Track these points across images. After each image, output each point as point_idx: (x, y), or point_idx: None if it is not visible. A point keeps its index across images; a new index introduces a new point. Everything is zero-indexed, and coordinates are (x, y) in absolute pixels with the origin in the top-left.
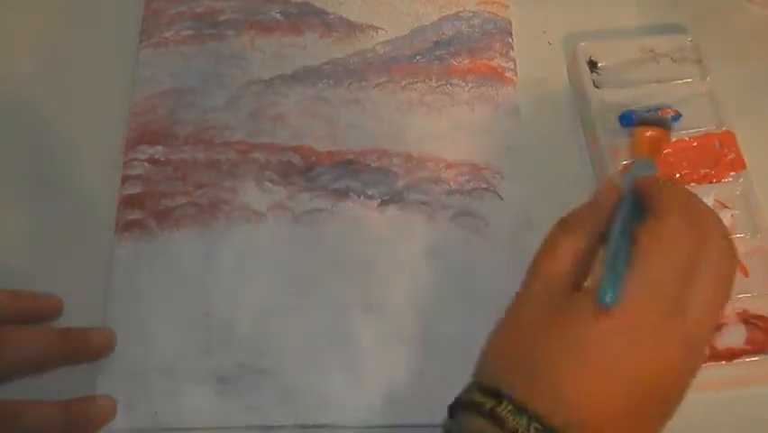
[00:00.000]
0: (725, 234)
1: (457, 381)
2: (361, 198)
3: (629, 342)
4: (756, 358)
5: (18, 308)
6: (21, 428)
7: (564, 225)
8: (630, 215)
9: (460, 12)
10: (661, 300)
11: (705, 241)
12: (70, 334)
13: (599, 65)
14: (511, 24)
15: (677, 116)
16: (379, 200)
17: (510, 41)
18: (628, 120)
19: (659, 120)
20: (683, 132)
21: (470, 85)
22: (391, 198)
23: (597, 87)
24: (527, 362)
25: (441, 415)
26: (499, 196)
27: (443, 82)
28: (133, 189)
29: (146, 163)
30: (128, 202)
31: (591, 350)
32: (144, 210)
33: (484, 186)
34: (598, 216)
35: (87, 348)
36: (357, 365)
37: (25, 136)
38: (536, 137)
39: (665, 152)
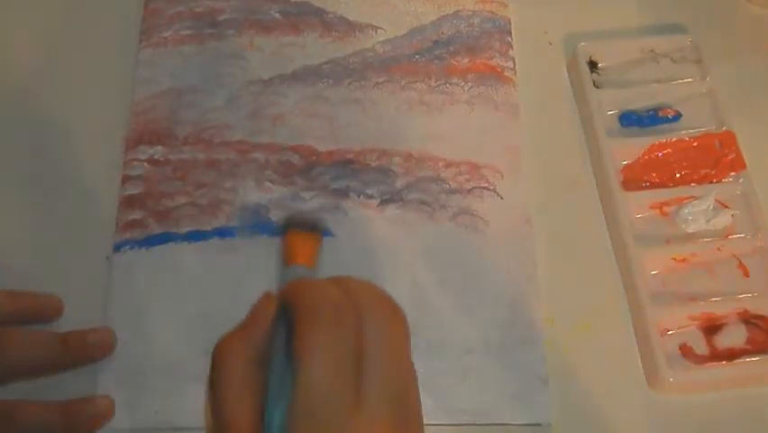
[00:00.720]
0: (383, 307)
1: (456, 377)
2: (361, 197)
3: None
4: (756, 358)
5: (18, 308)
6: (18, 428)
7: (223, 361)
8: (287, 328)
9: (459, 11)
10: (326, 406)
11: (363, 324)
12: (70, 337)
13: (599, 65)
14: (510, 23)
15: (677, 116)
16: (379, 200)
17: (509, 39)
18: (628, 120)
19: (311, 223)
20: (683, 132)
21: (469, 84)
22: (391, 198)
23: (597, 87)
24: None
25: (441, 413)
26: (499, 195)
27: (443, 81)
28: (134, 190)
29: (146, 163)
30: (128, 202)
31: None
32: (145, 210)
33: (484, 185)
34: (258, 334)
35: (87, 351)
36: None
37: (25, 136)
38: (536, 137)
39: (665, 152)
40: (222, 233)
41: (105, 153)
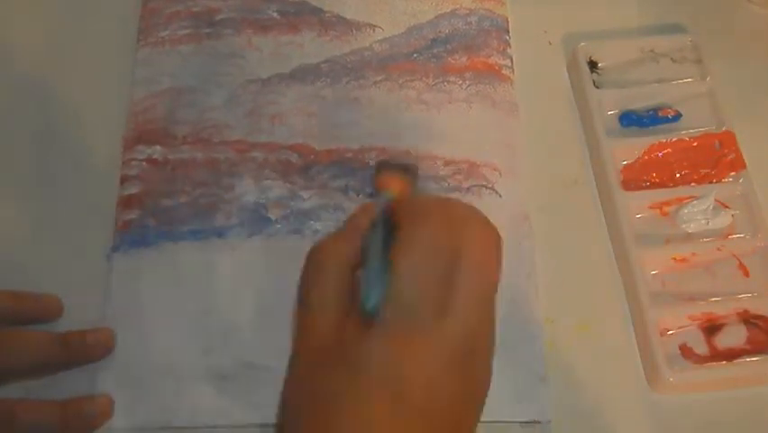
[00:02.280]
0: (484, 224)
1: None
2: (360, 195)
3: (399, 347)
4: (756, 358)
5: (19, 308)
6: (17, 427)
7: (320, 261)
8: (385, 233)
9: (456, 9)
10: (422, 303)
11: (458, 228)
12: (70, 337)
13: (599, 65)
14: (508, 21)
15: (677, 116)
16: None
17: (507, 38)
18: (628, 120)
19: (403, 166)
20: (683, 132)
21: (467, 82)
22: None
23: (597, 87)
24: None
25: None
26: (498, 193)
27: (441, 80)
28: (132, 189)
29: (144, 163)
30: (127, 202)
31: (368, 365)
32: (143, 210)
33: (482, 183)
34: (354, 241)
35: (87, 351)
36: None
37: (24, 137)
38: (537, 137)
39: (665, 152)
40: (221, 232)
41: (105, 153)
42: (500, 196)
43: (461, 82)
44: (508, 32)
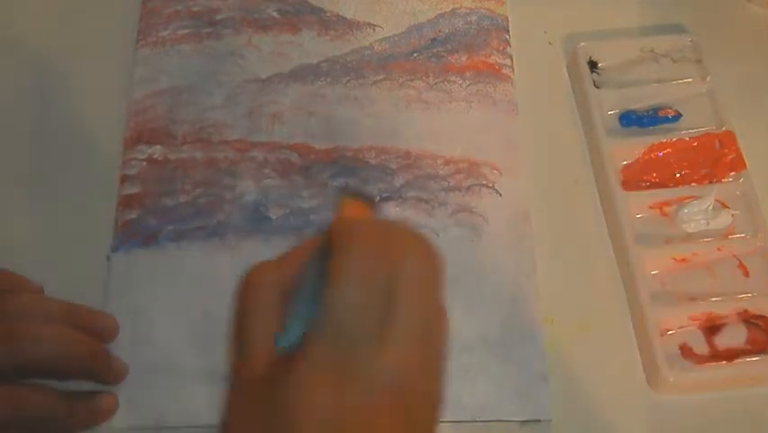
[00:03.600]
0: (424, 251)
1: (456, 374)
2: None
3: (325, 381)
4: (756, 358)
5: (70, 321)
6: (24, 414)
7: (257, 273)
8: (321, 260)
9: (456, 9)
10: (352, 330)
11: (395, 254)
12: (98, 349)
13: (599, 65)
14: (508, 21)
15: (677, 116)
16: (378, 197)
17: (507, 37)
18: (628, 120)
19: (364, 194)
20: (683, 132)
21: (467, 82)
22: (390, 195)
23: (597, 87)
24: None
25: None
26: (498, 192)
27: (441, 79)
28: (132, 189)
29: (144, 163)
30: (127, 202)
31: (295, 408)
32: (143, 210)
33: (483, 182)
34: (292, 267)
35: (108, 371)
36: None
37: (24, 137)
38: (536, 137)
39: (665, 152)
40: (221, 231)
41: (105, 153)
42: (500, 195)
43: (461, 81)
44: (508, 31)
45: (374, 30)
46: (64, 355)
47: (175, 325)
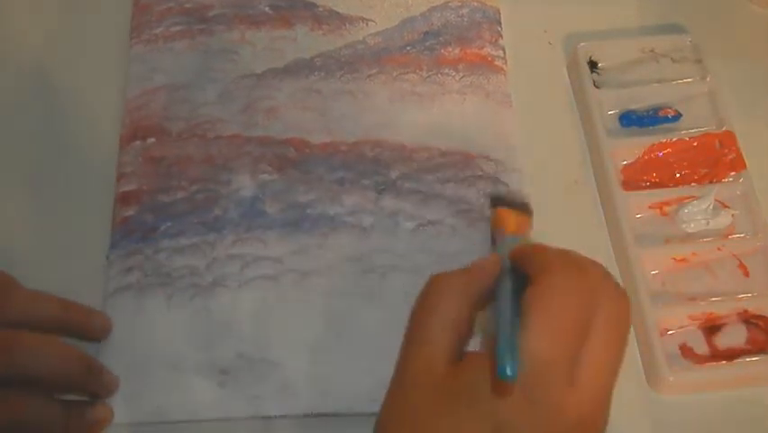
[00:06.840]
0: (619, 295)
1: None
2: (356, 187)
3: (531, 415)
4: (756, 358)
5: (65, 319)
6: (19, 420)
7: (440, 291)
8: (514, 282)
9: (448, 2)
10: (556, 367)
11: (594, 296)
12: (93, 363)
13: (599, 65)
14: (499, 13)
15: (677, 116)
16: (375, 190)
17: (499, 29)
18: (628, 120)
19: (519, 202)
20: (683, 132)
21: (460, 74)
22: (386, 188)
23: (597, 87)
24: None
25: None
26: (493, 184)
27: (434, 72)
28: (129, 186)
29: (141, 160)
30: (124, 199)
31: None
32: (141, 206)
33: (478, 174)
34: (479, 282)
35: (101, 385)
36: (358, 354)
37: (20, 136)
38: (537, 137)
39: (665, 152)
40: (218, 226)
41: (101, 151)
42: (508, 185)
43: (454, 74)
44: (500, 23)
45: (367, 24)
46: (58, 372)
47: (175, 321)
